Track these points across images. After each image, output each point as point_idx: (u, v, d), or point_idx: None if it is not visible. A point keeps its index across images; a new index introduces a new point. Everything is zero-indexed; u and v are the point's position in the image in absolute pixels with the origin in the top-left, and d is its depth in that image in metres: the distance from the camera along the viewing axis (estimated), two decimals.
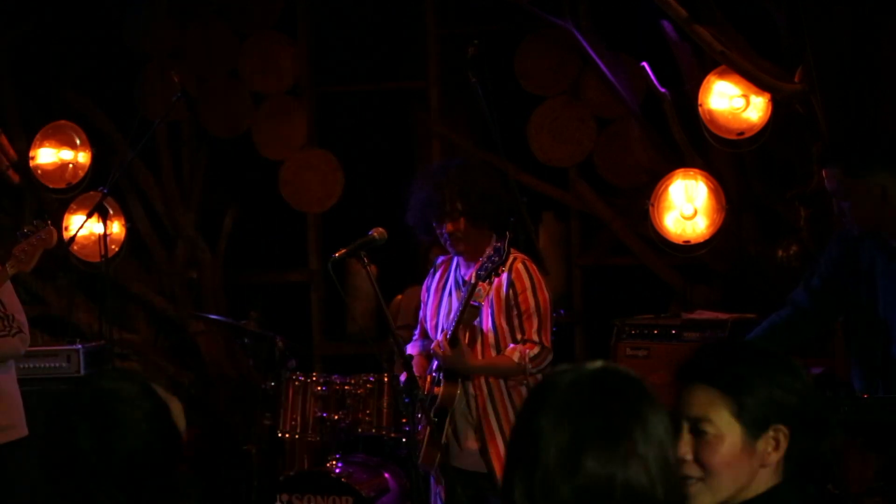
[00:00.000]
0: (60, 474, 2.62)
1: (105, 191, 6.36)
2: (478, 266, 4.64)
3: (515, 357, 4.70)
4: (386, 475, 5.94)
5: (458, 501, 4.84)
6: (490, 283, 4.65)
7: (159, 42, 7.31)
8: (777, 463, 2.49)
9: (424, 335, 5.02)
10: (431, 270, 5.05)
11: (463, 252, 4.82)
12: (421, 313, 5.06)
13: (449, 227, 4.75)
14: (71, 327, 7.04)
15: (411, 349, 5.02)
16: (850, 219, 4.39)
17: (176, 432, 2.66)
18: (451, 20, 7.13)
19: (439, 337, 4.74)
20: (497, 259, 4.56)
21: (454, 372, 4.74)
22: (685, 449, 2.47)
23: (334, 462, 5.82)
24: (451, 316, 4.73)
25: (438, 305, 4.91)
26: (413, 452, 4.79)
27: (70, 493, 2.59)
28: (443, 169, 4.92)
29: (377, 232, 4.78)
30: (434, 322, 4.91)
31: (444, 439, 4.74)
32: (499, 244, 4.59)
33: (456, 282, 4.88)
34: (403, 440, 5.50)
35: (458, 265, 4.92)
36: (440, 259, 5.06)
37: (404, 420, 5.21)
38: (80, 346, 6.42)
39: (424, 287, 5.05)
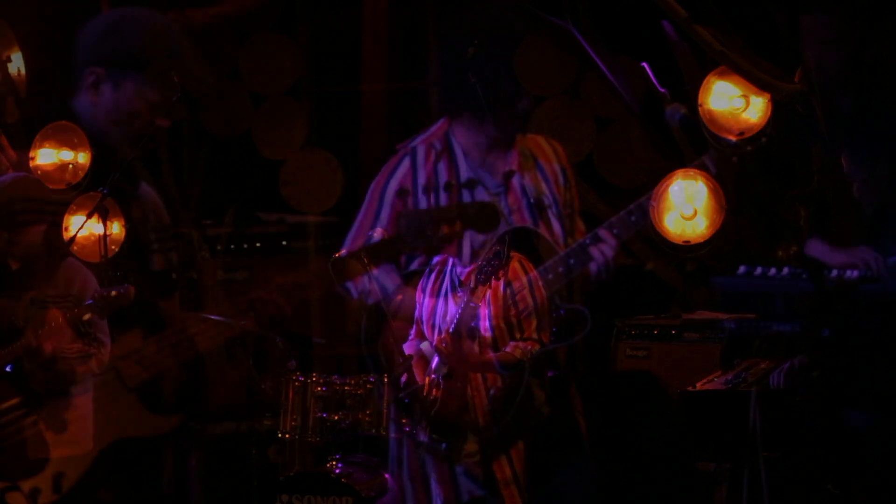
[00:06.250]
0: None
1: (105, 191, 6.34)
2: (476, 268, 4.62)
3: (518, 354, 4.70)
4: (386, 475, 5.94)
5: None
6: (489, 286, 4.65)
7: None
8: None
9: (420, 336, 5.01)
10: (427, 271, 5.04)
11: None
12: (416, 314, 5.06)
13: (444, 229, 4.75)
14: None
15: (407, 349, 5.01)
16: None
17: None
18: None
19: (441, 335, 4.72)
20: (497, 263, 4.55)
21: (453, 373, 4.73)
22: None
23: (334, 462, 5.82)
24: (449, 317, 4.71)
25: (434, 306, 4.90)
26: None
27: None
28: None
29: (377, 232, 4.79)
30: (430, 323, 4.90)
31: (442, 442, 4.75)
32: (499, 248, 4.58)
33: (452, 282, 4.87)
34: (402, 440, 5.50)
35: (453, 265, 4.91)
36: (435, 259, 5.05)
37: (404, 420, 5.20)
38: None
39: (419, 288, 5.03)
